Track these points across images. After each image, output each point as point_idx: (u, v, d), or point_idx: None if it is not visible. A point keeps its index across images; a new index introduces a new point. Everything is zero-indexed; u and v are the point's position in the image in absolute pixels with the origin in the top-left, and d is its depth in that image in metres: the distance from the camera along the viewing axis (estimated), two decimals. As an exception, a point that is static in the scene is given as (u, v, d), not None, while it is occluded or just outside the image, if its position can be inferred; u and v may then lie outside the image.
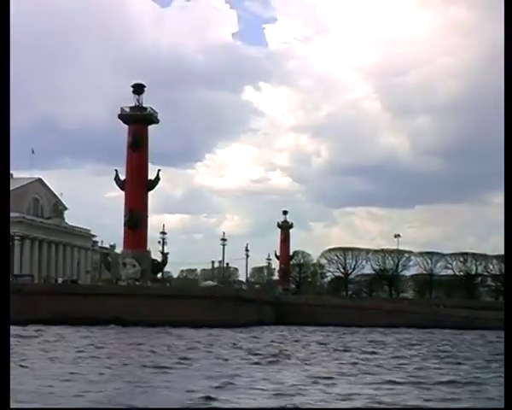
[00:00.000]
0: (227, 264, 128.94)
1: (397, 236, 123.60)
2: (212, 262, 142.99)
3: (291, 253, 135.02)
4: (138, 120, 79.94)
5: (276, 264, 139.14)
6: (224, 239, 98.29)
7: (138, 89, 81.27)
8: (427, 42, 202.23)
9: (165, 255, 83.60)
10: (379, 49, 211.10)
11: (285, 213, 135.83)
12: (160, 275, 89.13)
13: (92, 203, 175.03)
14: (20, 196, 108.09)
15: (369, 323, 79.05)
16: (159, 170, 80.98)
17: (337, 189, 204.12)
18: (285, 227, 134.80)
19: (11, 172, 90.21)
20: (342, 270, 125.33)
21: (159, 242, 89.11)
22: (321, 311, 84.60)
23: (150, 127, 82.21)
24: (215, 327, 60.54)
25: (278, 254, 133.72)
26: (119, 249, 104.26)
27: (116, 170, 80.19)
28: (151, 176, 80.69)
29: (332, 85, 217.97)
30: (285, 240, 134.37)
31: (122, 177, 80.00)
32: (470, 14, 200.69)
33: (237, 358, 33.47)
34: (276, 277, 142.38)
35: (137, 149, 79.11)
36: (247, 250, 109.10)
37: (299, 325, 74.53)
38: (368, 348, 43.50)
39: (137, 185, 79.03)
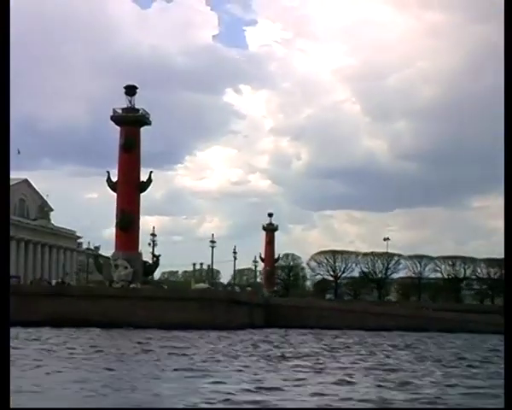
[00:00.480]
0: (208, 266, 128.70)
1: (386, 239, 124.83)
2: (194, 264, 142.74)
3: (276, 255, 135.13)
4: (131, 122, 79.62)
5: (260, 266, 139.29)
6: (212, 241, 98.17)
7: (130, 90, 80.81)
8: (405, 46, 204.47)
9: (156, 257, 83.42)
10: (358, 52, 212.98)
11: (270, 215, 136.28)
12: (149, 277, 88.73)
13: (76, 205, 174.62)
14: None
15: (359, 325, 79.31)
16: (151, 172, 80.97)
17: (317, 191, 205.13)
18: (270, 230, 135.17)
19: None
20: (332, 273, 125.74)
21: (149, 244, 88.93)
22: (311, 313, 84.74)
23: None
24: (209, 329, 60.45)
25: (262, 256, 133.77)
26: (103, 251, 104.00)
27: (108, 171, 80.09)
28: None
29: (312, 88, 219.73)
30: (270, 242, 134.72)
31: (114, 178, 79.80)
32: (446, 18, 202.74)
33: (252, 360, 33.44)
34: (259, 279, 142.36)
35: (130, 150, 78.84)
36: (234, 252, 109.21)
37: (289, 327, 74.47)
38: (379, 352, 43.32)
39: (129, 187, 78.74)
